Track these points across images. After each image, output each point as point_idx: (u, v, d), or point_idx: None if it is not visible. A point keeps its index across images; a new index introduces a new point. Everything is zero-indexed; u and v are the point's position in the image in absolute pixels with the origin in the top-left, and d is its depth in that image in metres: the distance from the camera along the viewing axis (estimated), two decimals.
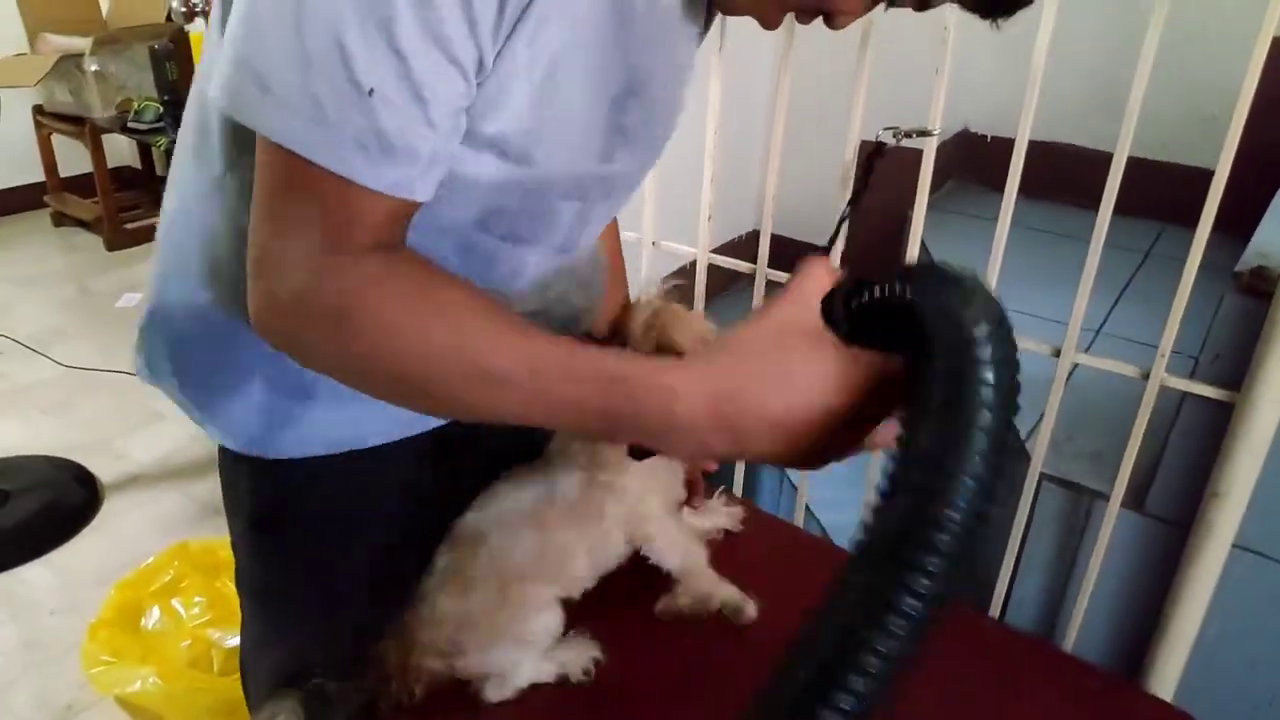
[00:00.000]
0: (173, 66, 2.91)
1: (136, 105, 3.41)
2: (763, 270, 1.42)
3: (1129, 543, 1.34)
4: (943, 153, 1.37)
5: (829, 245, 1.07)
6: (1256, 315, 1.12)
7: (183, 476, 2.38)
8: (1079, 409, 1.46)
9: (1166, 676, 1.27)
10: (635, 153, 0.71)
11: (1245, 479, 1.13)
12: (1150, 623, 1.29)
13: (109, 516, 2.23)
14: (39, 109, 3.73)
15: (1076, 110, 2.24)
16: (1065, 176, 2.17)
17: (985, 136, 2.63)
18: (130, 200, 4.00)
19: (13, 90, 3.52)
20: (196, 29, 2.80)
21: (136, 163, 4.24)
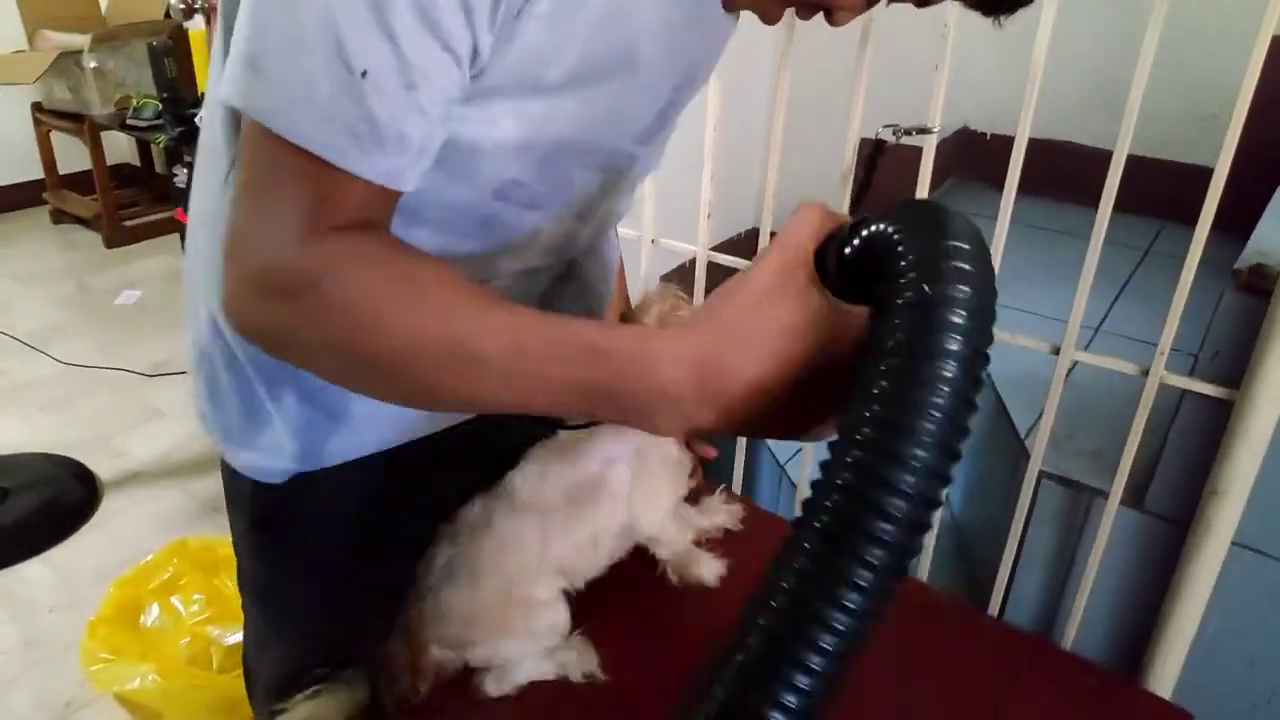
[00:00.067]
0: (171, 63, 2.90)
1: (135, 102, 3.40)
2: None
3: (1128, 540, 1.34)
4: (942, 150, 1.37)
5: None
6: (1256, 313, 1.12)
7: (182, 474, 2.38)
8: (1078, 407, 1.46)
9: (1166, 674, 1.27)
10: (661, 139, 0.72)
11: (1244, 476, 1.13)
12: (1149, 620, 1.29)
13: (108, 514, 2.23)
14: (38, 106, 3.73)
15: (1076, 108, 2.24)
16: (1065, 174, 2.17)
17: (985, 134, 2.63)
18: (129, 197, 4.00)
19: (12, 87, 3.52)
20: (195, 26, 2.79)
21: (135, 160, 4.24)
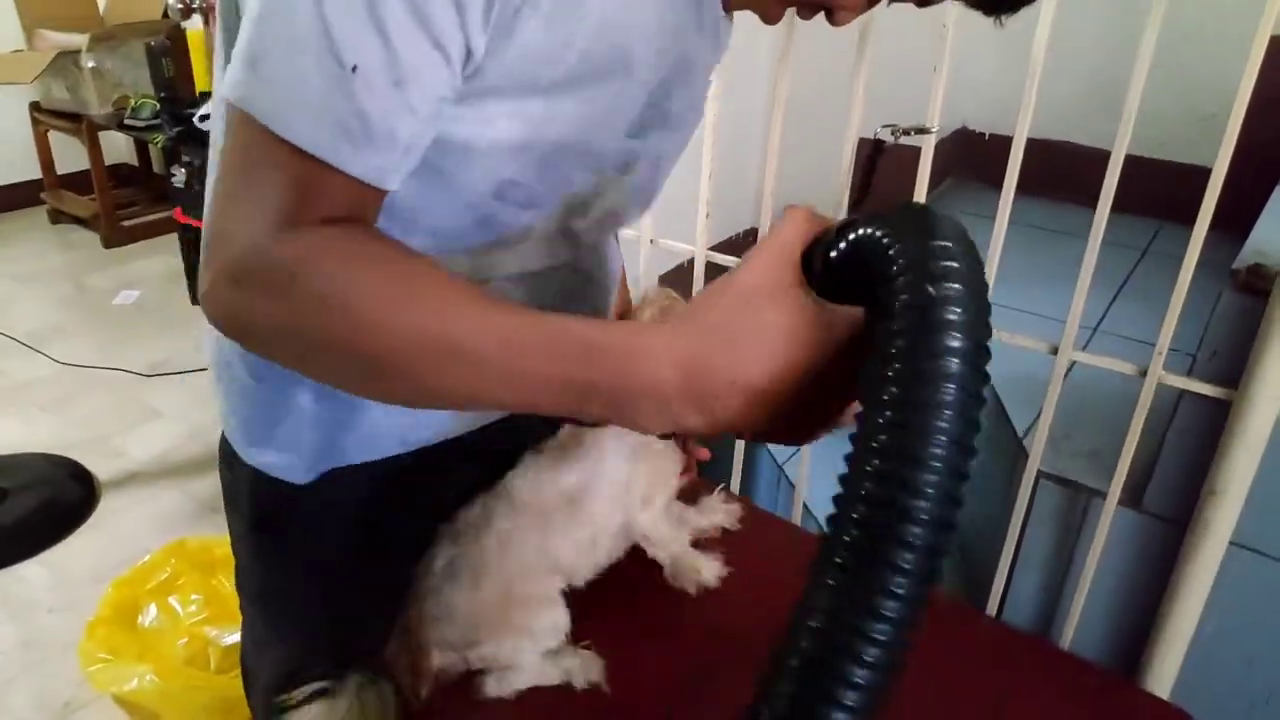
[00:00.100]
0: (169, 63, 2.90)
1: (133, 102, 3.40)
2: None
3: (1126, 540, 1.34)
4: (941, 150, 1.37)
5: None
6: (1254, 313, 1.12)
7: (180, 474, 2.38)
8: (1076, 407, 1.46)
9: (1164, 674, 1.27)
10: (669, 136, 0.71)
11: (1242, 476, 1.14)
12: (1147, 620, 1.29)
13: (106, 514, 2.23)
14: (36, 106, 3.72)
15: (1075, 108, 2.24)
16: (1063, 174, 2.18)
17: (984, 134, 2.63)
18: (127, 197, 4.00)
19: (9, 87, 3.52)
20: (193, 26, 2.80)
21: (133, 160, 4.24)
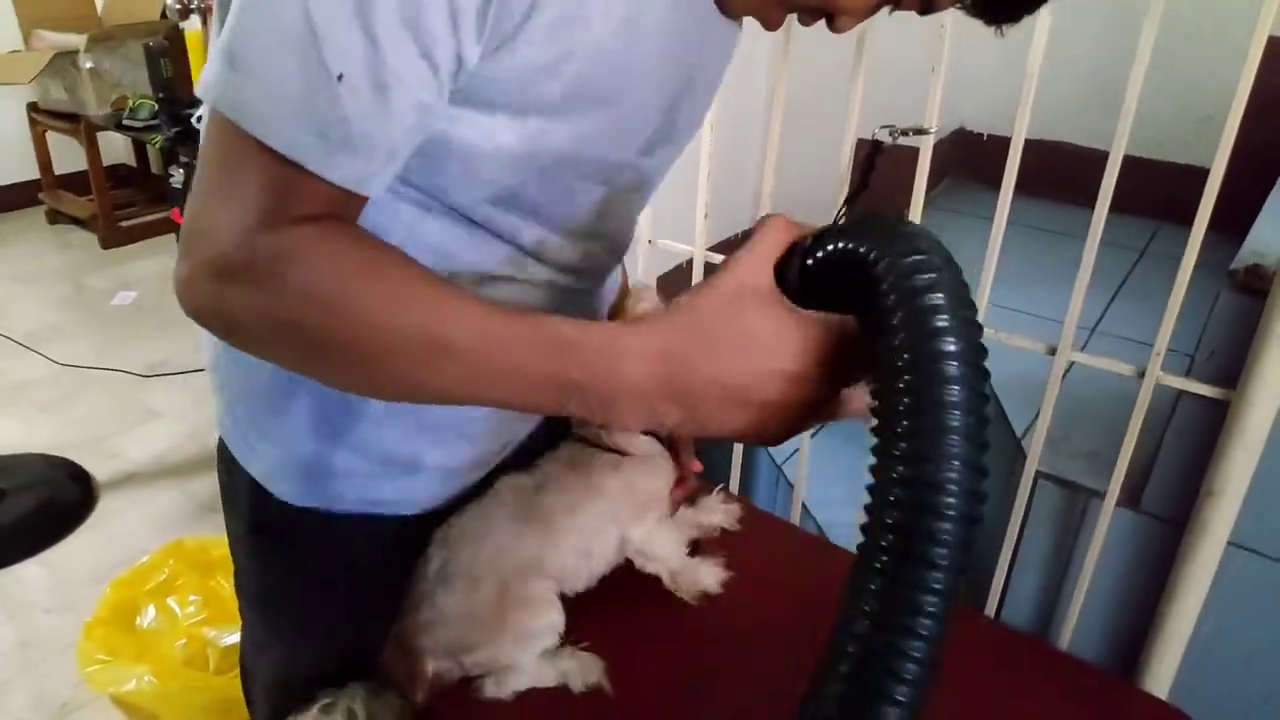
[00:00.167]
0: (167, 64, 2.90)
1: (131, 102, 3.40)
2: None
3: (1124, 541, 1.34)
4: (939, 151, 1.37)
5: None
6: (1252, 313, 1.12)
7: (178, 474, 2.37)
8: (1075, 407, 1.46)
9: (1162, 674, 1.27)
10: (673, 149, 0.71)
11: (1240, 477, 1.14)
12: (1146, 621, 1.29)
13: (104, 514, 2.23)
14: (33, 106, 3.72)
15: (1073, 109, 2.24)
16: (1061, 175, 2.17)
17: (982, 135, 2.63)
18: (125, 198, 4.00)
19: (7, 87, 3.51)
20: (191, 26, 2.79)
21: (131, 160, 4.24)
